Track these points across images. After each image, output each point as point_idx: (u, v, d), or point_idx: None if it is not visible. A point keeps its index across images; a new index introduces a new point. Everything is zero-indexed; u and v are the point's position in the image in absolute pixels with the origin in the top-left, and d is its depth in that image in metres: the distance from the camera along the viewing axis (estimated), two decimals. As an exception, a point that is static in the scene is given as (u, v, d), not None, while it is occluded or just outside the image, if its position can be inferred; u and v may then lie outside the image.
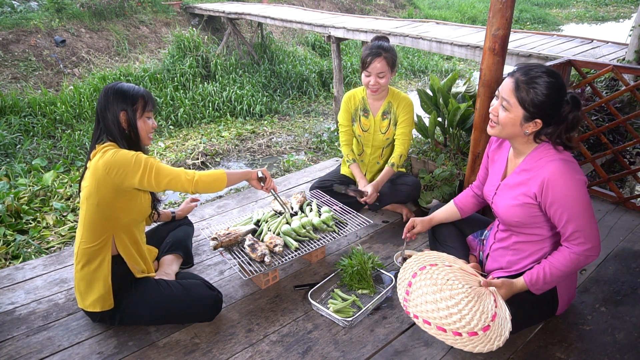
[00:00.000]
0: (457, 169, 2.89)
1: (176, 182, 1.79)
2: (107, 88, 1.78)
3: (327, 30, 8.54)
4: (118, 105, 1.75)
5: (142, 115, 1.81)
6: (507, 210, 1.72)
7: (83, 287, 1.81)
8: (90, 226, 1.75)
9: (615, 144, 3.55)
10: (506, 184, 1.75)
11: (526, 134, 1.60)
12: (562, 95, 1.53)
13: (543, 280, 1.62)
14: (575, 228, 1.55)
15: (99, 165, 1.68)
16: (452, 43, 6.47)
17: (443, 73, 12.65)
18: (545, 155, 1.61)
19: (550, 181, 1.54)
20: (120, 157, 1.69)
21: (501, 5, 2.17)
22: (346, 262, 2.12)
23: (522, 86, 1.54)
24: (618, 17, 21.27)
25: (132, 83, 1.89)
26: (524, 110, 1.55)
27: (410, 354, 1.74)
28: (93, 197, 1.71)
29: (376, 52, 2.44)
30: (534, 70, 1.55)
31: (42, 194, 5.31)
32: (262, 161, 7.39)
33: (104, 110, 1.76)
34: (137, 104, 1.79)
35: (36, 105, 7.63)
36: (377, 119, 2.66)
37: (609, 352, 1.71)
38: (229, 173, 1.95)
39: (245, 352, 1.77)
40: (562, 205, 1.54)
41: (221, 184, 1.91)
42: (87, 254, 1.77)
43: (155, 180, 1.74)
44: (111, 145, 1.75)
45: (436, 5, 19.84)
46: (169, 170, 1.79)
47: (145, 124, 1.83)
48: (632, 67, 2.82)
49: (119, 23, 10.80)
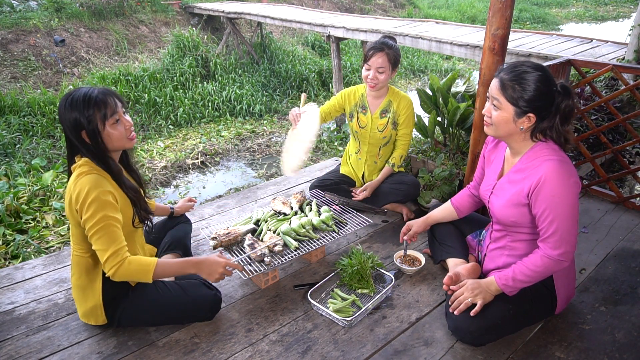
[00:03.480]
0: (457, 168, 2.89)
1: (101, 255, 1.61)
2: (60, 102, 1.62)
3: (327, 29, 8.54)
4: (75, 127, 1.60)
5: (104, 123, 1.62)
6: (502, 210, 1.73)
7: (77, 296, 1.81)
8: (79, 240, 1.73)
9: (615, 143, 3.55)
10: (502, 184, 1.76)
11: (522, 130, 1.61)
12: (551, 87, 1.54)
13: (512, 279, 1.64)
14: (555, 229, 1.56)
15: (70, 193, 1.63)
16: (451, 43, 6.47)
17: (443, 72, 12.65)
18: (541, 155, 1.61)
19: (543, 179, 1.55)
20: (83, 198, 1.58)
21: (501, 5, 2.17)
22: (346, 261, 2.12)
23: (508, 84, 1.56)
24: (617, 16, 21.27)
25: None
26: (514, 107, 1.57)
27: (410, 353, 1.74)
28: (71, 217, 1.69)
29: (379, 47, 2.46)
30: (518, 68, 1.57)
31: (41, 194, 5.30)
32: (262, 161, 7.39)
33: (64, 125, 1.63)
34: (94, 116, 1.59)
35: (35, 105, 7.62)
36: (375, 117, 2.66)
37: (608, 351, 1.71)
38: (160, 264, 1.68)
39: (245, 352, 1.77)
40: (550, 205, 1.55)
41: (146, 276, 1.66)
42: (80, 265, 1.76)
43: (90, 239, 1.62)
44: (86, 164, 1.66)
45: (436, 5, 19.84)
46: (104, 241, 1.60)
47: (114, 129, 1.65)
48: (631, 67, 2.82)
49: (118, 23, 10.79)
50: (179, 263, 1.75)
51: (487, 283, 1.70)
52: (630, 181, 3.97)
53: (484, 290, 1.68)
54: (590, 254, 2.32)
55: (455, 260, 2.03)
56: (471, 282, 1.72)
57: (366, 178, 2.82)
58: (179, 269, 1.75)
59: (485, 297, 1.67)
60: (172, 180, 6.69)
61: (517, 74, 1.56)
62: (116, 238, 1.63)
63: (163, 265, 1.69)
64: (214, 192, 6.35)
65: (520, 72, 1.56)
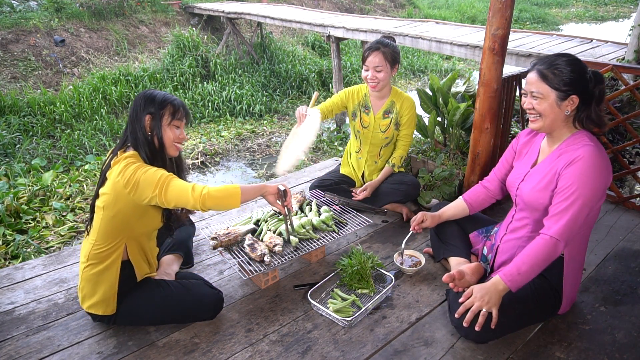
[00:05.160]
0: (457, 168, 2.89)
1: (185, 200, 1.69)
2: (140, 93, 1.78)
3: (327, 29, 8.54)
4: (145, 109, 1.73)
5: (169, 122, 1.77)
6: (531, 195, 1.73)
7: (87, 289, 1.80)
8: (105, 233, 1.75)
9: (615, 143, 3.55)
10: (535, 170, 1.77)
11: (567, 114, 1.64)
12: (584, 68, 1.62)
13: (517, 273, 1.61)
14: (566, 208, 1.58)
15: (120, 181, 1.66)
16: (451, 43, 6.47)
17: (443, 73, 12.65)
18: (580, 141, 1.65)
19: (579, 158, 1.59)
20: (141, 179, 1.65)
21: (501, 5, 2.17)
22: (346, 261, 2.12)
23: (546, 72, 1.63)
24: (617, 16, 21.28)
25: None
26: (557, 91, 1.61)
27: (409, 353, 1.74)
28: (110, 209, 1.70)
29: (374, 46, 2.48)
30: (549, 58, 1.66)
31: (41, 194, 5.31)
32: (262, 161, 7.39)
33: (133, 114, 1.75)
34: (165, 109, 1.75)
35: (35, 105, 7.62)
36: (378, 117, 2.67)
37: (608, 351, 1.71)
38: (243, 188, 1.79)
39: (244, 352, 1.77)
40: (574, 182, 1.57)
41: (234, 201, 1.75)
42: (98, 258, 1.76)
43: (165, 199, 1.68)
44: (132, 156, 1.71)
45: (436, 5, 19.84)
46: (178, 188, 1.69)
47: (172, 132, 1.78)
48: (631, 67, 2.83)
49: (118, 23, 10.79)
50: (254, 187, 1.87)
51: (494, 284, 1.63)
52: (630, 181, 3.97)
53: (493, 294, 1.62)
54: (590, 254, 2.32)
55: (457, 259, 2.03)
56: (477, 288, 1.65)
57: (366, 178, 2.82)
58: (258, 192, 1.89)
59: (496, 302, 1.61)
60: (172, 180, 6.69)
61: (551, 63, 1.63)
62: (184, 182, 1.73)
63: (245, 188, 1.81)
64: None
65: (554, 60, 1.63)
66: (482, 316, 1.61)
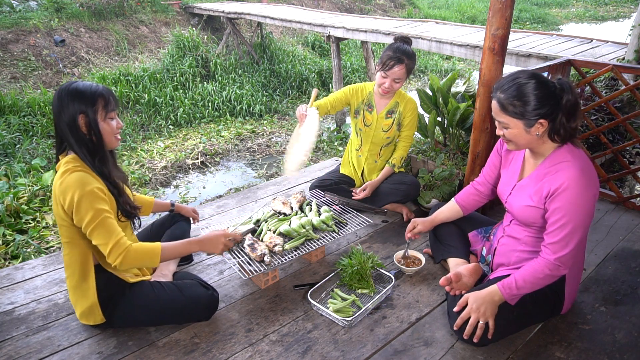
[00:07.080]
0: (457, 168, 2.89)
1: (103, 249, 1.63)
2: (60, 89, 1.62)
3: (327, 29, 8.53)
4: (75, 108, 1.60)
5: (104, 116, 1.67)
6: (521, 211, 1.73)
7: (73, 297, 1.80)
8: (68, 238, 1.72)
9: (615, 143, 3.56)
10: (522, 186, 1.75)
11: (538, 136, 1.60)
12: (549, 89, 1.54)
13: (516, 287, 1.63)
14: (563, 236, 1.56)
15: (57, 192, 1.62)
16: (451, 43, 6.47)
17: (443, 73, 12.65)
18: (563, 160, 1.60)
19: (564, 186, 1.55)
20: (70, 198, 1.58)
21: (501, 5, 2.17)
22: (346, 261, 2.12)
23: (506, 103, 1.57)
24: (618, 16, 21.27)
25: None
26: (522, 120, 1.57)
27: (409, 353, 1.74)
28: (58, 217, 1.68)
29: (399, 57, 2.42)
30: (511, 82, 1.58)
31: (41, 194, 5.30)
32: (262, 161, 7.39)
33: (59, 115, 1.62)
34: (97, 104, 1.63)
35: (35, 105, 7.62)
36: (381, 116, 2.67)
37: (608, 351, 1.71)
38: (164, 248, 1.72)
39: (244, 352, 1.77)
40: (565, 211, 1.55)
41: (153, 260, 1.70)
42: (71, 265, 1.75)
43: (90, 236, 1.63)
44: (72, 161, 1.64)
45: (436, 5, 19.83)
46: (104, 235, 1.61)
47: (109, 126, 1.69)
48: (631, 67, 2.82)
49: (118, 23, 10.79)
50: (182, 243, 1.80)
51: (490, 294, 1.65)
52: (630, 181, 3.97)
53: (488, 305, 1.64)
54: (590, 254, 2.32)
55: (456, 260, 2.03)
56: (473, 297, 1.66)
57: (365, 176, 2.82)
58: (183, 249, 1.80)
59: (492, 312, 1.64)
60: (172, 181, 6.69)
61: (512, 90, 1.56)
62: (114, 229, 1.64)
63: (168, 247, 1.74)
64: (214, 192, 6.35)
65: (515, 87, 1.56)
66: (479, 329, 1.64)
